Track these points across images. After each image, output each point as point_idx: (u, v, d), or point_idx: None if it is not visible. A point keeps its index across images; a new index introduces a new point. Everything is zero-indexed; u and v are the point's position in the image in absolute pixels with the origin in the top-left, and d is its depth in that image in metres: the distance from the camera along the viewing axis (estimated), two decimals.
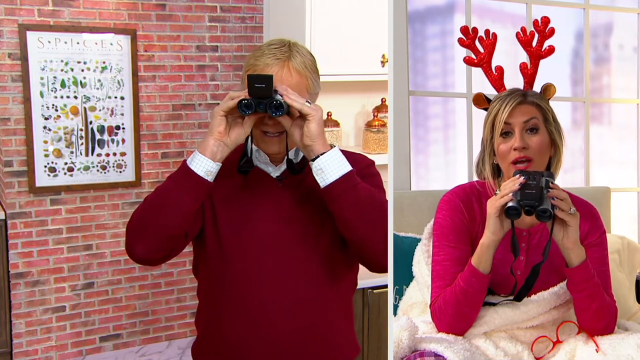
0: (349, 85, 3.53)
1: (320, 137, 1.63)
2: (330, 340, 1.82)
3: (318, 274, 1.76)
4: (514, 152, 1.57)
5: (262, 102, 1.60)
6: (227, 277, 1.77)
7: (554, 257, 1.55)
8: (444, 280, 1.61)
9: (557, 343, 1.58)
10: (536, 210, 1.46)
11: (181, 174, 1.67)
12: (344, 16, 3.25)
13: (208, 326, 1.86)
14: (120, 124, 3.71)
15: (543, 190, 1.48)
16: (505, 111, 1.58)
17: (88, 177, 3.67)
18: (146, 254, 1.71)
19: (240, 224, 1.76)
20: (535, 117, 1.59)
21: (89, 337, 3.83)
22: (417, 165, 1.74)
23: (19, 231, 3.57)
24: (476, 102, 1.67)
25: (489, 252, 1.54)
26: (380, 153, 3.44)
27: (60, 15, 3.49)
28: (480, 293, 1.57)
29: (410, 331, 1.53)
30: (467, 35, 1.63)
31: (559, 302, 1.61)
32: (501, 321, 1.60)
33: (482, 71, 1.65)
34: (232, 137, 1.66)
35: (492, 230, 1.52)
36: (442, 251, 1.65)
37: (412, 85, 1.68)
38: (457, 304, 1.57)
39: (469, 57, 1.65)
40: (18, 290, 3.61)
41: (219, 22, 3.85)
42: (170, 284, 3.99)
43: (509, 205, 1.47)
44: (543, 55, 1.64)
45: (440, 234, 1.66)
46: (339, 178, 1.62)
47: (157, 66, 3.74)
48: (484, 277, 1.54)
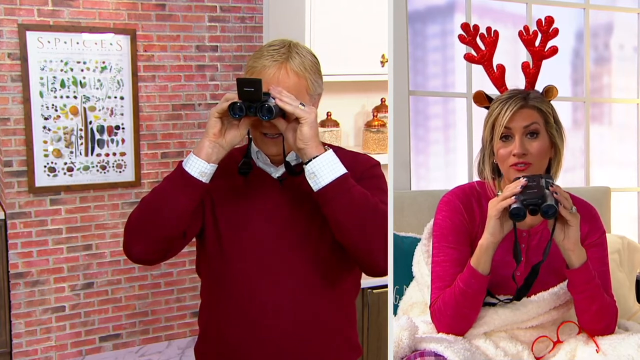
0: (349, 85, 3.53)
1: (313, 140, 1.62)
2: (330, 341, 1.81)
3: (318, 275, 1.76)
4: (513, 157, 1.56)
5: (252, 105, 1.60)
6: (227, 277, 1.78)
7: (554, 257, 1.55)
8: (444, 281, 1.60)
9: (558, 343, 1.57)
10: (540, 208, 1.44)
11: (176, 175, 1.68)
12: (344, 16, 3.24)
13: (209, 325, 1.86)
14: (120, 124, 3.71)
15: (545, 189, 1.46)
16: (506, 116, 1.56)
17: (88, 177, 3.68)
18: (143, 254, 1.72)
19: (240, 224, 1.76)
20: (536, 122, 1.57)
21: (88, 337, 3.84)
22: (418, 165, 1.74)
23: (18, 231, 3.58)
24: (477, 100, 1.65)
25: (487, 253, 1.53)
26: (380, 153, 3.42)
27: (60, 15, 3.50)
28: (479, 294, 1.56)
29: (410, 331, 1.52)
30: (468, 33, 1.61)
31: (558, 302, 1.60)
32: (501, 322, 1.59)
33: (483, 69, 1.63)
34: (228, 138, 1.66)
35: (492, 231, 1.51)
36: (441, 252, 1.63)
37: (412, 85, 1.67)
38: (456, 305, 1.56)
39: (470, 54, 1.64)
40: (18, 290, 3.61)
41: (219, 22, 3.86)
42: (170, 284, 3.99)
43: (514, 207, 1.45)
44: (546, 55, 1.62)
45: (440, 235, 1.65)
46: (331, 181, 1.61)
47: (156, 66, 3.75)
48: (483, 278, 1.54)
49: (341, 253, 1.76)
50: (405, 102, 1.68)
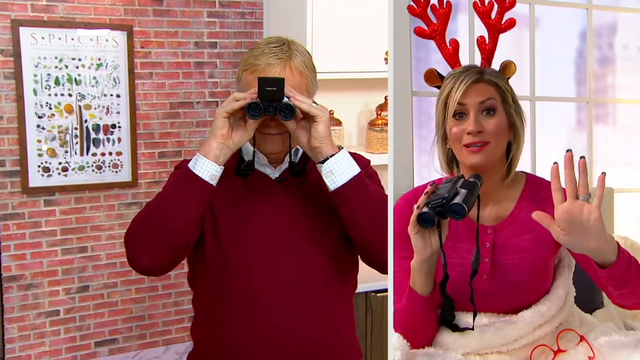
0: (351, 82, 3.58)
1: (328, 139, 1.66)
2: (333, 346, 1.86)
3: (324, 278, 1.81)
4: (468, 136, 1.49)
5: (271, 105, 1.60)
6: (230, 285, 1.80)
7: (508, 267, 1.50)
8: (399, 293, 1.55)
9: (559, 352, 1.53)
10: (447, 208, 1.34)
11: (184, 179, 1.67)
12: (346, 12, 3.28)
13: (207, 335, 1.88)
14: (116, 123, 3.73)
15: (455, 185, 1.39)
16: (459, 90, 1.49)
17: (83, 177, 3.70)
18: (151, 264, 1.72)
19: (242, 230, 1.79)
20: (493, 98, 1.50)
21: (83, 342, 3.84)
22: (420, 165, 1.79)
23: (11, 233, 3.59)
24: (427, 79, 1.57)
25: (420, 274, 1.46)
26: (384, 153, 3.50)
27: (54, 11, 3.51)
28: (422, 313, 1.51)
29: (402, 350, 1.48)
30: (418, 4, 1.53)
31: (542, 321, 1.55)
32: (478, 345, 1.53)
33: (435, 44, 1.55)
34: (235, 139, 1.67)
35: (416, 249, 1.43)
36: (397, 262, 1.55)
37: (415, 85, 1.73)
38: (405, 321, 1.51)
39: (420, 27, 1.56)
40: (10, 293, 3.63)
41: (218, 18, 3.87)
42: (168, 287, 3.99)
43: (418, 214, 1.38)
44: (502, 28, 1.54)
45: (395, 245, 1.56)
46: (349, 180, 1.65)
47: (154, 63, 3.77)
48: (423, 299, 1.48)
49: (345, 252, 1.82)
50: (408, 102, 1.74)
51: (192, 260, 1.87)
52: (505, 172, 1.55)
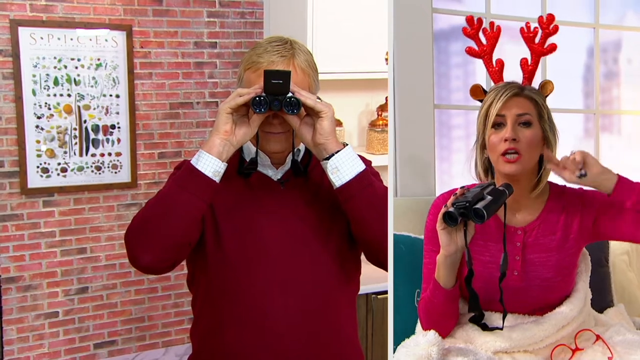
0: (352, 83, 3.59)
1: (333, 135, 1.69)
2: (335, 349, 1.89)
3: (328, 278, 1.83)
4: (504, 143, 1.61)
5: (277, 99, 1.63)
6: (232, 288, 1.81)
7: (538, 267, 1.65)
8: (427, 283, 1.68)
9: (577, 351, 1.65)
10: (470, 211, 1.47)
11: (186, 176, 1.68)
12: (347, 11, 3.29)
13: (207, 337, 1.89)
14: (116, 123, 3.78)
15: (482, 192, 1.52)
16: (500, 102, 1.62)
17: (82, 178, 3.75)
18: (153, 263, 1.73)
19: (244, 232, 1.79)
20: (529, 113, 1.64)
21: (82, 344, 3.89)
22: (442, 172, 1.92)
23: (10, 234, 3.64)
24: (473, 93, 1.71)
25: (444, 267, 1.59)
26: (385, 154, 3.51)
27: (53, 11, 3.56)
28: (444, 305, 1.64)
29: (438, 346, 1.60)
30: (471, 25, 1.69)
31: (565, 322, 1.68)
32: (507, 345, 1.65)
33: (483, 63, 1.71)
34: (238, 136, 1.69)
35: (442, 244, 1.56)
36: (427, 255, 1.70)
37: (437, 99, 1.90)
38: (427, 311, 1.68)
39: (471, 47, 1.72)
40: (9, 295, 3.67)
41: (218, 18, 3.91)
42: (167, 289, 4.04)
43: (444, 212, 1.51)
44: (545, 52, 1.70)
45: (427, 238, 1.71)
46: (355, 177, 1.69)
47: (153, 63, 3.81)
48: (445, 292, 1.62)
49: (349, 253, 1.87)
50: (430, 115, 1.90)
51: (192, 261, 1.88)
52: (536, 183, 1.69)
